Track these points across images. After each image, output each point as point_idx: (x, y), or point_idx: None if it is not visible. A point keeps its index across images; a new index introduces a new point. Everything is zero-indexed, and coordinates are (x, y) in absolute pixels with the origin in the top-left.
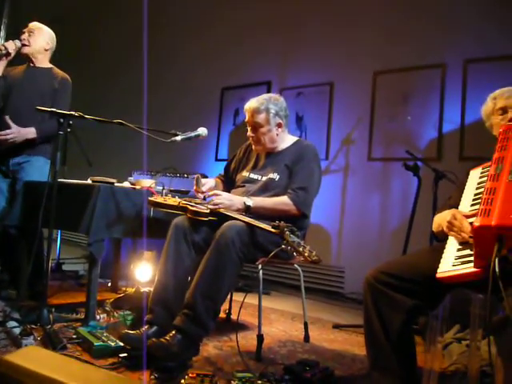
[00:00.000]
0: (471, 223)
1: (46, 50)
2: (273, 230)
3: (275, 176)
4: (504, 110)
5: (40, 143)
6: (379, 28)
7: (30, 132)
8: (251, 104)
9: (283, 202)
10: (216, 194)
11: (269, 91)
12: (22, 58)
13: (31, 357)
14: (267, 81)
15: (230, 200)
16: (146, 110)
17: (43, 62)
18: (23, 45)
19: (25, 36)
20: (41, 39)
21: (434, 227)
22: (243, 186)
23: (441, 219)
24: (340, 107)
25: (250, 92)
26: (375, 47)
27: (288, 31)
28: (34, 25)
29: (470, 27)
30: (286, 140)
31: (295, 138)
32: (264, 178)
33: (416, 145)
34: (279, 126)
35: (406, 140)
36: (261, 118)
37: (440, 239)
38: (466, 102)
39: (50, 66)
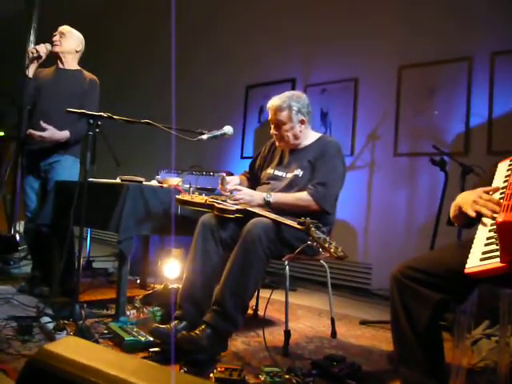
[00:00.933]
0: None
1: (77, 52)
2: (298, 226)
3: (299, 172)
4: None
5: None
6: (404, 22)
7: (64, 136)
8: (273, 102)
9: (302, 197)
10: (237, 190)
11: (293, 88)
12: (50, 60)
13: (70, 346)
14: (291, 78)
15: (251, 195)
16: (175, 110)
17: (72, 63)
18: (54, 45)
19: (56, 38)
20: (71, 41)
21: (452, 210)
22: (268, 183)
23: (462, 199)
24: (365, 103)
25: (274, 89)
26: (400, 41)
27: (311, 28)
28: (65, 28)
29: (497, 19)
30: (309, 136)
31: (318, 135)
32: (289, 175)
33: (443, 139)
34: (302, 122)
35: (433, 135)
36: (283, 115)
37: (454, 224)
38: (494, 95)
39: (79, 68)
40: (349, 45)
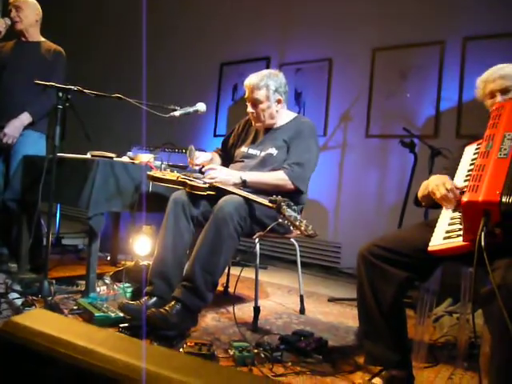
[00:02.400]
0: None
1: (37, 21)
2: (270, 204)
3: (273, 151)
4: (492, 95)
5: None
6: (379, 4)
7: (24, 121)
8: (251, 80)
9: (279, 176)
10: (212, 168)
11: (268, 67)
12: (12, 34)
13: (38, 318)
14: (266, 56)
15: (227, 174)
16: (145, 86)
17: (35, 35)
18: (15, 22)
19: (13, 13)
20: (29, 12)
21: (421, 191)
22: (242, 161)
23: (431, 182)
24: (338, 83)
25: (249, 68)
26: (374, 23)
27: (287, 6)
28: (18, 0)
29: (470, 5)
30: (284, 116)
31: (294, 114)
32: (263, 154)
33: (413, 122)
34: (279, 101)
35: (404, 117)
36: (260, 94)
37: (422, 205)
38: (464, 79)
39: (42, 39)
40: (324, 25)
